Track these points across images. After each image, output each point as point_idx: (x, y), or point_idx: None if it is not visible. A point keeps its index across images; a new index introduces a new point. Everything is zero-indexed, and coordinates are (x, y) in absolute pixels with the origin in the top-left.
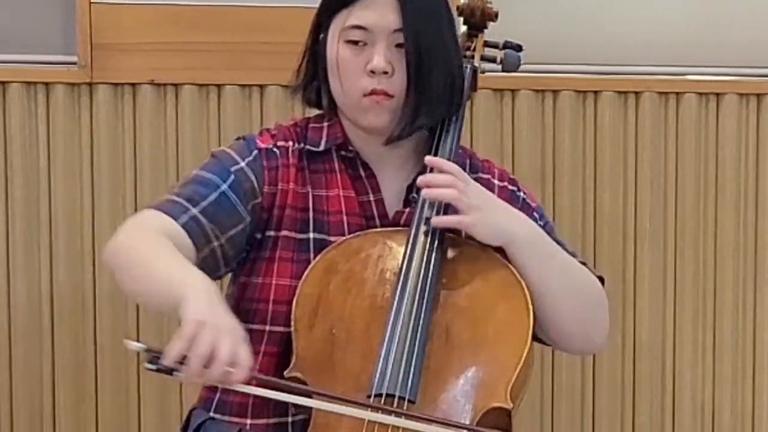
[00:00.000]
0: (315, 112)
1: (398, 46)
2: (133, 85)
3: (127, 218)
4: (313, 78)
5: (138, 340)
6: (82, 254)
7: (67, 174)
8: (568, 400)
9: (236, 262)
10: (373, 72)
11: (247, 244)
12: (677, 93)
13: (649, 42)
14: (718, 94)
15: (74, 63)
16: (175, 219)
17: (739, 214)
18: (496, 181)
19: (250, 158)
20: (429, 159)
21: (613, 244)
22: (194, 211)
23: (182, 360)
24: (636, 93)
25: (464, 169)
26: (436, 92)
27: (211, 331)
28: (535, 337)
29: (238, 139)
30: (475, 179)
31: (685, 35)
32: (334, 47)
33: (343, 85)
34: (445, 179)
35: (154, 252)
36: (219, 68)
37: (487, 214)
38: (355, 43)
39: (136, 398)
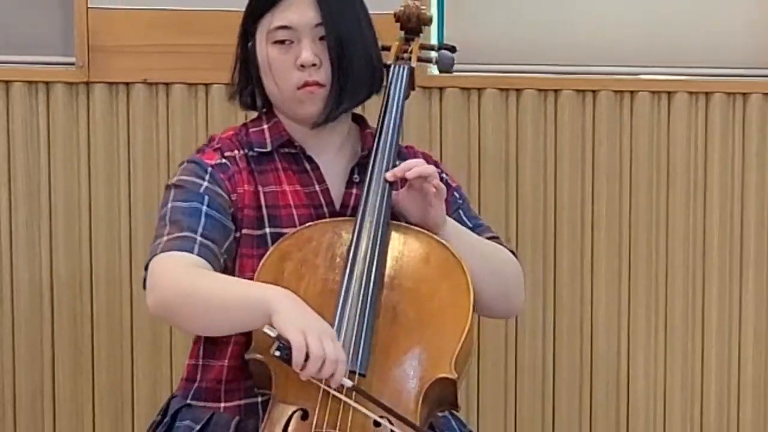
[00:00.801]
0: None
1: (321, 39)
2: (127, 84)
3: (121, 209)
4: (247, 83)
5: (132, 320)
6: (80, 241)
7: (66, 167)
8: (530, 378)
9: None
10: (303, 66)
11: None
12: (631, 92)
13: (605, 44)
14: (669, 93)
15: (72, 64)
16: (190, 252)
17: (689, 204)
18: None
19: (209, 176)
20: (393, 171)
21: (572, 232)
22: (199, 238)
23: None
24: (593, 92)
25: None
26: (357, 77)
27: (313, 334)
28: None
29: (183, 163)
30: None
31: (638, 38)
32: (264, 50)
33: (278, 82)
34: (422, 161)
35: (211, 282)
36: (206, 68)
37: (441, 199)
38: (282, 42)
39: (130, 374)
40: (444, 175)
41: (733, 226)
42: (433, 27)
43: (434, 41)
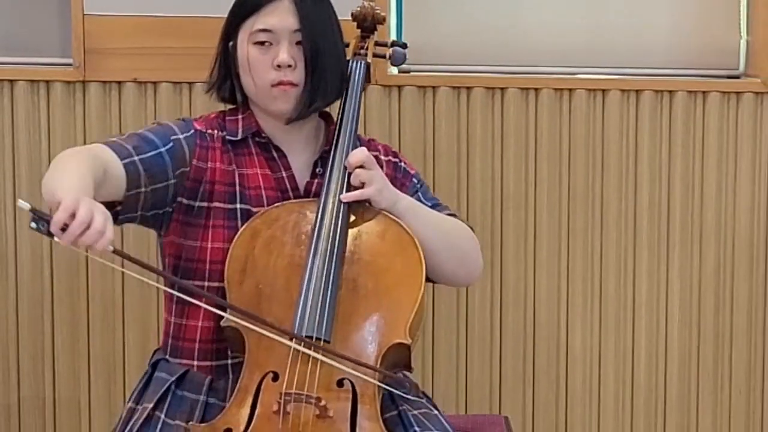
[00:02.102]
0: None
1: (297, 44)
2: (119, 83)
3: None
4: (226, 78)
5: (123, 292)
6: None
7: None
8: (480, 345)
9: (153, 215)
10: (279, 66)
11: (169, 203)
12: (570, 89)
13: (546, 47)
14: (603, 91)
15: (70, 64)
16: (120, 158)
17: (621, 189)
18: (382, 157)
19: (188, 134)
20: (349, 159)
21: (517, 215)
22: (135, 158)
23: (63, 228)
24: (536, 90)
25: (351, 143)
26: (329, 79)
27: (87, 206)
28: (428, 279)
29: (178, 119)
30: None
31: (576, 42)
32: (245, 49)
33: (255, 79)
34: (362, 151)
35: (74, 163)
36: (190, 68)
37: (384, 187)
38: (262, 43)
39: (121, 340)
40: (402, 164)
41: (661, 208)
42: (392, 32)
43: None
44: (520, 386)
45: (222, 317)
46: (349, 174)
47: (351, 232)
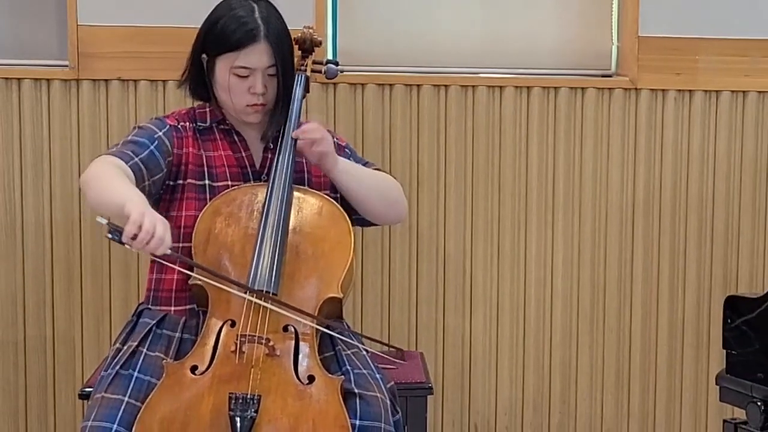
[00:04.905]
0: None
1: (269, 75)
2: (106, 80)
3: None
4: (195, 80)
5: (110, 252)
6: (72, 194)
7: (62, 141)
8: (400, 295)
9: (154, 200)
10: (254, 93)
11: (162, 188)
12: (473, 86)
13: (454, 51)
14: (500, 87)
15: (66, 65)
16: (126, 162)
17: (515, 167)
18: None
19: (165, 130)
20: (296, 132)
21: (430, 189)
22: (136, 159)
23: (132, 237)
24: (445, 86)
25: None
26: (290, 97)
27: (150, 218)
28: (369, 224)
29: (152, 119)
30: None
31: (478, 46)
32: (225, 75)
33: (232, 99)
34: (315, 127)
35: (112, 177)
36: (165, 69)
37: (330, 148)
38: (241, 75)
39: (108, 290)
40: (335, 139)
41: (547, 183)
42: (329, 39)
43: (330, 52)
44: (432, 328)
45: (190, 276)
46: (293, 163)
47: (294, 208)
